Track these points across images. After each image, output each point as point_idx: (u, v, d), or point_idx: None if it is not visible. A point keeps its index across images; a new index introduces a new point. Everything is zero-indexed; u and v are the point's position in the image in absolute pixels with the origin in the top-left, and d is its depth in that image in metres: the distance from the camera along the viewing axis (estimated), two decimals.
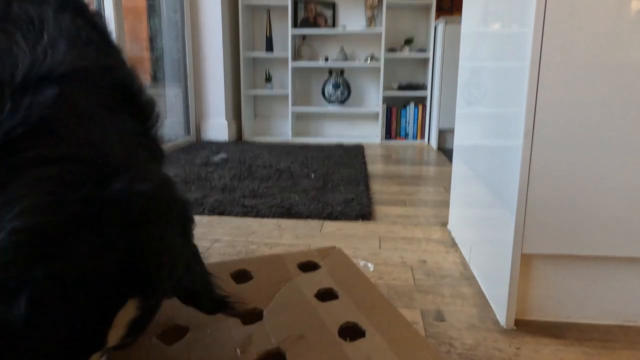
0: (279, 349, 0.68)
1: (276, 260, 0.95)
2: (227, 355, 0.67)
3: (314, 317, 0.76)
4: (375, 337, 0.71)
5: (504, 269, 1.08)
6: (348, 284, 0.86)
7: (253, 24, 4.24)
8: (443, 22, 3.49)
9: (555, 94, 0.97)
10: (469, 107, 1.55)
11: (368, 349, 0.68)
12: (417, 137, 4.07)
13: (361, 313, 0.77)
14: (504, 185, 1.11)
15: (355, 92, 4.22)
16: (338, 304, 0.80)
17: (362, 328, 0.73)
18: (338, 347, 0.68)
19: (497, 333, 1.05)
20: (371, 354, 0.67)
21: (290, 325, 0.73)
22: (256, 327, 0.73)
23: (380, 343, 0.69)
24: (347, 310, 0.78)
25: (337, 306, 0.79)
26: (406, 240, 1.63)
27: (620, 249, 1.02)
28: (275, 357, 0.67)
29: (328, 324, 0.74)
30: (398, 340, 0.70)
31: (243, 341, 0.70)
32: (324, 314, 0.77)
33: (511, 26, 1.11)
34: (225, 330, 0.72)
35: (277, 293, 0.83)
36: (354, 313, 0.77)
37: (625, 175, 0.99)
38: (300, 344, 0.69)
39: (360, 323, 0.74)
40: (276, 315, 0.76)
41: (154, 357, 0.66)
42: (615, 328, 1.07)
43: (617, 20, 0.93)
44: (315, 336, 0.71)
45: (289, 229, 1.74)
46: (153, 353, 0.67)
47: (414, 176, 2.70)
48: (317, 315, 0.76)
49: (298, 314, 0.77)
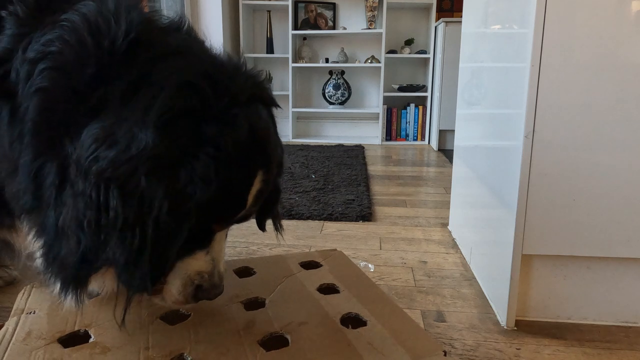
0: (281, 332, 0.69)
1: (279, 259, 0.96)
2: (230, 337, 0.68)
3: (317, 307, 0.77)
4: (376, 326, 0.72)
5: (505, 269, 1.08)
6: (349, 281, 0.87)
7: (254, 25, 4.25)
8: (443, 23, 3.49)
9: (555, 95, 0.97)
10: (469, 108, 1.55)
11: (369, 336, 0.69)
12: (418, 138, 4.07)
13: (362, 305, 0.78)
14: (504, 186, 1.12)
15: (355, 93, 4.22)
16: (340, 297, 0.81)
17: (363, 318, 0.75)
18: (340, 333, 0.69)
19: (497, 334, 1.05)
20: (372, 340, 0.68)
21: (292, 313, 0.74)
22: (259, 313, 0.74)
23: (381, 331, 0.71)
24: (349, 303, 0.79)
25: (338, 298, 0.80)
26: (407, 241, 1.63)
27: (621, 249, 1.03)
28: (278, 340, 0.68)
29: (330, 314, 0.75)
30: (398, 330, 0.71)
31: (246, 324, 0.70)
32: (327, 305, 0.77)
33: (511, 27, 1.11)
34: (228, 314, 0.73)
35: (280, 285, 0.84)
36: (355, 305, 0.78)
37: (625, 176, 0.99)
38: (302, 330, 0.70)
39: (361, 314, 0.76)
40: (278, 304, 0.77)
41: (156, 336, 0.67)
42: (615, 328, 1.07)
43: (617, 21, 0.93)
44: (317, 323, 0.72)
45: (289, 229, 1.74)
46: (155, 333, 0.68)
47: (414, 177, 2.70)
48: (320, 306, 0.77)
49: (300, 304, 0.78)
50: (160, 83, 0.52)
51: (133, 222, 0.49)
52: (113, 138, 0.50)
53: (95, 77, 0.54)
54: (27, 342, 0.65)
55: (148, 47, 0.57)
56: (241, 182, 0.57)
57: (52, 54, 0.56)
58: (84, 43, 0.56)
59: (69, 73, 0.56)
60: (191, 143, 0.51)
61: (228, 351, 0.64)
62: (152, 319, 0.71)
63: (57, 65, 0.56)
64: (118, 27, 0.56)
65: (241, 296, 0.79)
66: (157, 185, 0.49)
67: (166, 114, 0.49)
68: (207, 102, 0.53)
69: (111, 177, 0.49)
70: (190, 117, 0.51)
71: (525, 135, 0.99)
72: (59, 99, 0.55)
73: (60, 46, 0.56)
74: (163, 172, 0.50)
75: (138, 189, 0.49)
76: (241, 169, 0.56)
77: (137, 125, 0.50)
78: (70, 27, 0.57)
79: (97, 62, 0.55)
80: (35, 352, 0.63)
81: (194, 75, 0.54)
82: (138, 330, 0.68)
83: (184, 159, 0.51)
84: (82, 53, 0.56)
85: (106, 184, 0.49)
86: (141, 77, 0.53)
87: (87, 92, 0.54)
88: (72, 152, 0.53)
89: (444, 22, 3.48)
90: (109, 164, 0.49)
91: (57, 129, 0.55)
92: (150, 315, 0.72)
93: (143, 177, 0.49)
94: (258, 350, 0.64)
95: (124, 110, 0.51)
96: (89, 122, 0.53)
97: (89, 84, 0.54)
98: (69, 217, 0.51)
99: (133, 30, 0.56)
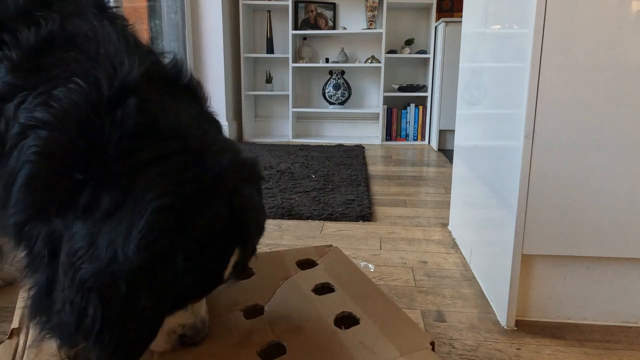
0: (279, 340, 0.72)
1: (275, 256, 0.97)
2: (230, 349, 0.70)
3: (312, 309, 0.80)
4: (368, 324, 0.75)
5: (505, 269, 1.08)
6: (343, 278, 0.90)
7: (254, 25, 4.25)
8: (443, 23, 3.49)
9: (555, 95, 0.97)
10: (469, 108, 1.55)
11: (361, 334, 0.73)
12: (418, 138, 4.07)
13: (355, 303, 0.81)
14: (504, 186, 1.12)
15: (355, 93, 4.22)
16: (334, 296, 0.84)
17: (356, 317, 0.78)
18: (334, 336, 0.73)
19: (497, 334, 1.05)
20: (364, 339, 0.71)
21: (289, 319, 0.77)
22: (257, 321, 0.77)
23: (373, 329, 0.74)
24: (343, 302, 0.82)
25: (333, 298, 0.84)
26: (407, 241, 1.63)
27: (621, 249, 1.03)
28: (276, 347, 0.71)
29: (324, 315, 0.78)
30: (390, 326, 0.75)
31: (245, 335, 0.73)
32: (321, 306, 0.81)
33: (512, 27, 1.11)
34: (227, 325, 0.76)
35: (277, 290, 0.86)
36: (348, 304, 0.81)
37: (625, 176, 0.99)
38: (299, 336, 0.73)
39: (354, 312, 0.79)
40: (276, 310, 0.80)
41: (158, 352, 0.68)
42: (615, 329, 1.07)
43: (617, 22, 0.93)
44: (312, 327, 0.75)
45: (289, 229, 1.74)
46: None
47: (414, 177, 2.70)
48: (315, 308, 0.80)
49: (296, 308, 0.81)
50: (143, 204, 0.54)
51: (112, 327, 0.54)
52: (95, 251, 0.54)
53: (82, 182, 0.56)
54: (40, 359, 0.68)
55: (139, 148, 0.57)
56: (218, 264, 0.61)
57: (42, 138, 0.56)
58: (74, 145, 0.56)
59: (57, 169, 0.56)
60: (169, 253, 0.55)
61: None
62: None
63: (47, 153, 0.56)
64: (112, 130, 0.56)
65: (240, 303, 0.82)
66: (137, 289, 0.54)
67: (145, 238, 0.53)
68: (183, 218, 0.56)
69: (92, 286, 0.53)
70: (169, 236, 0.55)
71: (525, 135, 0.99)
72: (47, 183, 0.57)
73: (50, 136, 0.56)
74: (142, 278, 0.54)
75: (119, 295, 0.53)
76: (217, 255, 0.60)
77: (118, 244, 0.53)
78: (61, 117, 0.56)
79: (86, 168, 0.56)
80: None
81: (171, 196, 0.55)
82: None
83: (161, 265, 0.55)
84: (72, 154, 0.56)
85: (87, 291, 0.53)
86: (126, 191, 0.55)
87: (74, 190, 0.56)
88: (60, 229, 0.56)
89: (444, 22, 3.48)
90: (90, 276, 0.53)
91: (45, 204, 0.57)
92: None
93: (123, 285, 0.53)
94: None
95: (108, 224, 0.54)
96: (76, 220, 0.55)
97: (75, 185, 0.56)
98: (59, 317, 0.56)
99: (126, 137, 0.57)
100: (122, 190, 0.55)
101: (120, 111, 0.57)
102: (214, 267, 0.61)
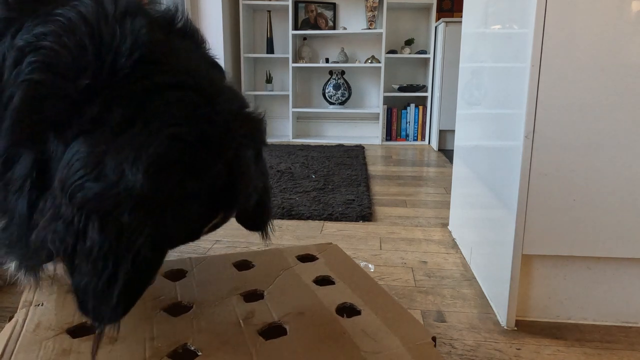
0: (280, 322, 0.72)
1: (276, 252, 0.97)
2: (231, 327, 0.70)
3: (313, 297, 0.80)
4: (370, 315, 0.75)
5: (505, 269, 1.08)
6: (344, 273, 0.90)
7: (254, 25, 4.25)
8: (443, 23, 3.49)
9: (555, 95, 0.97)
10: (469, 108, 1.55)
11: (363, 324, 0.72)
12: (418, 138, 4.07)
13: (357, 296, 0.81)
14: (504, 186, 1.12)
15: (355, 93, 4.22)
16: (335, 288, 0.84)
17: (357, 308, 0.78)
18: (336, 322, 0.72)
19: (497, 334, 1.05)
20: (366, 328, 0.71)
21: (290, 304, 0.77)
22: (258, 304, 0.77)
23: (375, 320, 0.74)
24: (344, 293, 0.82)
25: (334, 289, 0.84)
26: (407, 241, 1.63)
27: (621, 249, 1.03)
28: (277, 329, 0.71)
29: (326, 304, 0.78)
30: (392, 319, 0.74)
31: (246, 315, 0.73)
32: (322, 296, 0.81)
33: (511, 27, 1.11)
34: (228, 305, 0.76)
35: (277, 278, 0.87)
36: (350, 296, 0.81)
37: (625, 176, 0.99)
38: (300, 319, 0.73)
39: (356, 304, 0.79)
40: (277, 296, 0.80)
41: (160, 327, 0.69)
42: (615, 329, 1.07)
43: (618, 22, 0.93)
44: (314, 313, 0.75)
45: (289, 229, 1.74)
46: (159, 324, 0.70)
47: (414, 177, 2.70)
48: (316, 297, 0.80)
49: (297, 295, 0.81)
50: (155, 127, 0.52)
51: (107, 254, 0.50)
52: (102, 169, 0.50)
53: (91, 90, 0.53)
54: (37, 333, 0.67)
55: (152, 71, 0.55)
56: (200, 223, 0.60)
57: (45, 48, 0.53)
58: (83, 48, 0.54)
59: (62, 74, 0.53)
60: (175, 194, 0.53)
61: (229, 340, 0.66)
62: (156, 311, 0.74)
63: (50, 62, 0.53)
64: (122, 40, 0.54)
65: (240, 289, 0.82)
66: (141, 223, 0.50)
67: (156, 163, 0.50)
68: (194, 157, 0.54)
69: (94, 208, 0.49)
70: (178, 170, 0.52)
71: (525, 135, 0.99)
72: (49, 95, 0.53)
73: (55, 43, 0.54)
74: (147, 213, 0.51)
75: (119, 222, 0.50)
76: (204, 213, 0.58)
77: (127, 164, 0.50)
78: (67, 25, 0.55)
79: (96, 75, 0.53)
80: (45, 342, 0.65)
81: (186, 128, 0.54)
82: (143, 322, 0.71)
83: (168, 206, 0.52)
84: (80, 59, 0.53)
85: (88, 213, 0.50)
86: (138, 109, 0.53)
87: (80, 100, 0.53)
88: (55, 150, 0.53)
89: (444, 22, 3.48)
90: (94, 196, 0.49)
91: (41, 124, 0.53)
92: (154, 308, 0.75)
93: (126, 213, 0.50)
94: (257, 339, 0.67)
95: (117, 142, 0.51)
96: (81, 134, 0.52)
97: (83, 94, 0.53)
98: (45, 233, 0.51)
99: (138, 49, 0.54)
100: (135, 106, 0.52)
101: (130, 25, 0.55)
102: (196, 225, 0.59)
